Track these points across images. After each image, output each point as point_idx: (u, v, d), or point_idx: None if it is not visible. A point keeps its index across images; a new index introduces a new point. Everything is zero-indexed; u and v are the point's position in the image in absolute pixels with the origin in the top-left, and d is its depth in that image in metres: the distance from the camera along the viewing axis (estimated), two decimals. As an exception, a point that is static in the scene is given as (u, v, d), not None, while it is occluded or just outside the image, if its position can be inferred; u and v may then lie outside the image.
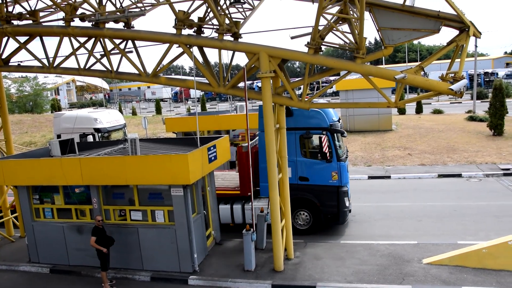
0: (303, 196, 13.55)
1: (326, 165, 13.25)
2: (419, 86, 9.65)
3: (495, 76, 67.60)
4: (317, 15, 9.09)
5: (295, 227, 13.63)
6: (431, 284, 9.93)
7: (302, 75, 10.49)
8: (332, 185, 13.34)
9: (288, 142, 12.77)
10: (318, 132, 13.24)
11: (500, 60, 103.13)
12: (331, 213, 13.52)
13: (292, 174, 13.32)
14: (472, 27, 9.01)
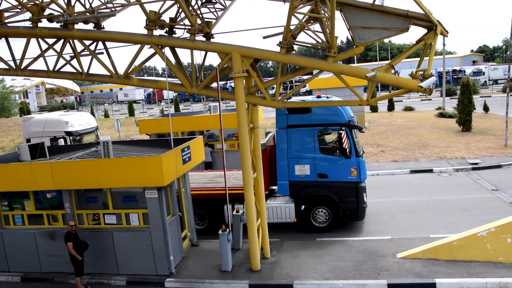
0: (322, 193, 13.46)
1: (345, 161, 13.22)
2: (390, 84, 9.81)
3: (462, 74, 69.30)
4: (289, 14, 9.15)
5: (313, 225, 13.69)
6: (405, 277, 10.13)
7: (275, 75, 10.53)
8: (351, 181, 13.31)
9: (306, 139, 13.25)
10: (337, 128, 13.17)
11: (467, 58, 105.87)
12: (350, 209, 13.48)
13: (310, 171, 13.36)
14: (439, 26, 9.22)
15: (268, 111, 45.85)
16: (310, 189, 13.42)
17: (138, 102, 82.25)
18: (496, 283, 9.68)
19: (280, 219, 13.67)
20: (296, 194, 13.60)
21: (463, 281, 9.83)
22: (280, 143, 13.58)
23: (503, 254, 10.50)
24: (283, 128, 13.51)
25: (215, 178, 15.41)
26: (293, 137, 13.44)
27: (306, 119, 13.17)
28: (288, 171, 13.51)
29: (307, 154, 13.31)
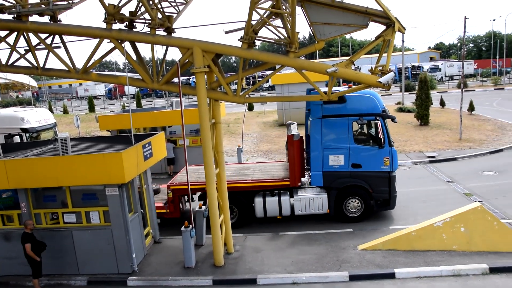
0: (355, 183, 13.51)
1: (379, 151, 13.35)
2: (350, 79, 9.99)
3: (421, 70, 71.43)
4: (250, 10, 9.15)
5: (346, 216, 13.73)
6: (366, 268, 10.39)
7: (238, 70, 10.51)
8: (384, 171, 13.44)
9: (340, 129, 13.24)
10: (371, 118, 13.29)
11: (425, 55, 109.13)
12: (382, 198, 13.65)
13: (344, 161, 13.37)
14: (397, 23, 9.47)
15: (231, 106, 45.90)
16: (343, 179, 13.49)
17: (99, 97, 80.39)
18: (450, 270, 10.10)
19: (312, 211, 13.60)
20: (329, 184, 13.59)
21: (420, 270, 10.18)
22: (315, 133, 13.49)
23: (457, 242, 10.95)
24: (317, 118, 13.39)
25: (240, 170, 15.26)
26: (328, 127, 13.36)
27: (341, 109, 13.17)
28: (322, 161, 13.48)
29: (342, 144, 13.33)
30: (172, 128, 21.82)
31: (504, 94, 50.71)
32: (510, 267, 10.14)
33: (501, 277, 9.89)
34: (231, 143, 27.59)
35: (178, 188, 13.84)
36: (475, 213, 10.92)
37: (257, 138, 29.16)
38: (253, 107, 46.09)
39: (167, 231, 13.65)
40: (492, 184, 16.82)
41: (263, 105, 45.59)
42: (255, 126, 34.55)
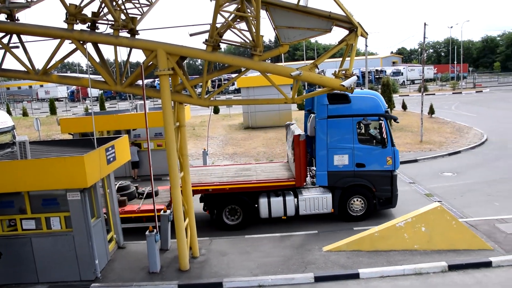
0: (359, 182, 13.76)
1: (382, 151, 13.68)
2: (314, 83, 10.10)
3: (383, 74, 73.12)
4: (214, 12, 9.13)
5: (350, 215, 13.94)
6: (331, 269, 10.51)
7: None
8: (386, 170, 13.77)
9: (345, 129, 13.50)
10: (374, 118, 13.60)
11: (388, 59, 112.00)
12: (385, 197, 13.98)
13: (349, 161, 13.61)
14: (359, 28, 9.66)
15: (196, 109, 45.58)
16: (347, 178, 13.73)
17: (61, 100, 78.24)
18: (412, 269, 10.37)
19: (317, 211, 13.77)
20: (333, 184, 13.78)
21: (383, 269, 10.40)
22: (320, 133, 13.63)
23: (418, 242, 11.25)
24: (323, 119, 13.56)
25: (241, 171, 15.24)
26: (333, 127, 13.55)
27: (346, 109, 13.43)
28: (327, 161, 13.66)
29: (346, 144, 13.56)
30: (136, 131, 21.49)
31: (461, 98, 52.61)
32: (467, 264, 10.52)
33: (458, 274, 10.25)
34: (196, 146, 27.42)
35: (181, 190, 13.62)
36: (435, 213, 11.26)
37: (223, 141, 29.11)
38: (218, 110, 45.98)
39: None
40: (451, 185, 17.41)
41: (229, 108, 45.53)
42: (220, 129, 34.48)
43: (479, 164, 20.81)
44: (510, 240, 11.68)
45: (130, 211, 13.43)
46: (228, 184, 13.76)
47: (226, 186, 13.65)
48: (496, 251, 11.07)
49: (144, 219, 13.48)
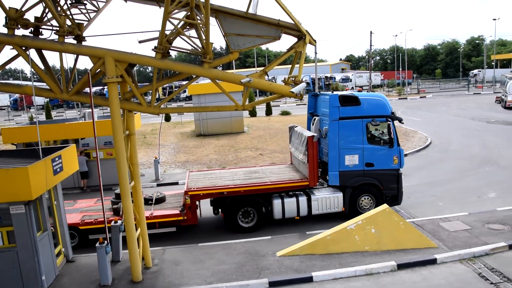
0: (368, 181, 14.33)
1: (389, 150, 14.38)
2: (264, 89, 10.20)
3: (333, 80, 74.99)
4: (163, 19, 9.05)
5: (359, 213, 14.03)
6: (285, 274, 10.60)
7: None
8: (393, 169, 14.49)
9: (355, 130, 14.14)
10: (382, 119, 14.31)
11: (337, 66, 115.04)
12: (391, 195, 14.61)
13: (359, 161, 14.19)
14: (308, 36, 9.86)
15: (147, 117, 44.85)
16: (357, 178, 14.29)
17: (3, 108, 74.59)
18: (363, 270, 10.65)
19: (328, 210, 14.15)
20: (344, 183, 14.26)
21: (336, 271, 10.61)
22: (332, 134, 14.16)
23: (369, 243, 11.58)
24: (335, 120, 14.10)
25: (250, 174, 15.41)
26: (344, 129, 14.11)
27: (356, 111, 14.07)
28: (339, 161, 14.17)
29: (357, 144, 14.17)
30: (85, 141, 20.87)
31: (407, 103, 54.81)
32: (414, 262, 10.95)
33: (407, 272, 10.64)
34: (148, 154, 26.96)
35: (197, 194, 13.66)
36: (384, 214, 11.64)
37: (175, 149, 28.78)
38: (170, 117, 45.46)
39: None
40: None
41: (180, 115, 45.11)
42: (172, 137, 34.07)
43: (423, 166, 21.73)
44: (452, 238, 12.27)
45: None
46: (243, 186, 13.91)
47: (241, 189, 13.82)
48: (441, 249, 11.60)
49: (157, 225, 13.41)
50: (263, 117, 44.61)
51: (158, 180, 20.94)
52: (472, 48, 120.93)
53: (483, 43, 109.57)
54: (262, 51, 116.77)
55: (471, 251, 11.39)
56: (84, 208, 14.60)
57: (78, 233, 13.33)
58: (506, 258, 11.20)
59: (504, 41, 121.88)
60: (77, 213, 14.12)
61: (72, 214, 13.82)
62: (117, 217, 12.97)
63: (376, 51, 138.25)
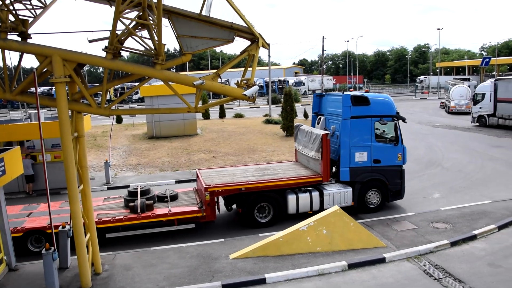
0: (376, 177, 15.13)
1: (394, 148, 15.28)
2: (217, 92, 10.18)
3: (286, 84, 75.82)
4: (114, 19, 8.86)
5: (368, 207, 15.25)
6: (238, 277, 10.60)
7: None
8: (397, 165, 15.41)
9: (365, 128, 14.92)
10: (389, 119, 15.15)
11: (290, 70, 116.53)
12: (395, 190, 15.47)
13: (368, 157, 14.98)
14: (261, 39, 9.92)
15: (98, 119, 43.69)
16: (366, 173, 15.06)
17: None
18: (315, 270, 10.83)
19: (339, 204, 14.28)
20: (354, 179, 14.98)
21: (288, 273, 10.72)
22: (344, 132, 14.88)
23: (320, 244, 11.79)
24: (347, 119, 14.84)
25: (261, 171, 15.77)
26: (355, 127, 14.86)
27: (366, 110, 14.87)
28: (350, 158, 14.88)
29: (366, 142, 14.95)
30: (30, 143, 20.01)
31: (357, 107, 56.08)
32: (364, 261, 11.26)
33: (357, 271, 10.93)
34: (98, 157, 26.22)
35: (216, 190, 13.82)
36: (335, 216, 11.90)
37: (126, 152, 28.15)
38: (121, 119, 44.45)
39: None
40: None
41: (132, 117, 44.21)
42: (123, 139, 33.32)
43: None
44: (400, 237, 12.73)
45: (162, 214, 13.39)
46: (261, 182, 14.24)
47: (259, 184, 14.14)
48: (389, 248, 12.00)
49: (176, 222, 13.52)
50: (216, 119, 44.49)
51: (109, 184, 20.40)
52: (419, 55, 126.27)
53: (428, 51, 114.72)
54: (216, 53, 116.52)
55: (417, 250, 11.86)
56: (96, 207, 14.09)
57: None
58: (448, 254, 11.76)
59: (447, 49, 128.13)
60: None
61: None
62: (136, 214, 13.18)
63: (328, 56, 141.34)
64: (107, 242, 12.97)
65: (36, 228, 12.71)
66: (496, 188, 17.84)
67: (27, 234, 12.62)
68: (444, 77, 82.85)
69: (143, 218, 13.20)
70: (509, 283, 10.20)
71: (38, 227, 12.74)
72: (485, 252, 11.86)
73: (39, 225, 12.83)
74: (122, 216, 13.21)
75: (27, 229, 12.59)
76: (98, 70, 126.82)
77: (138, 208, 13.31)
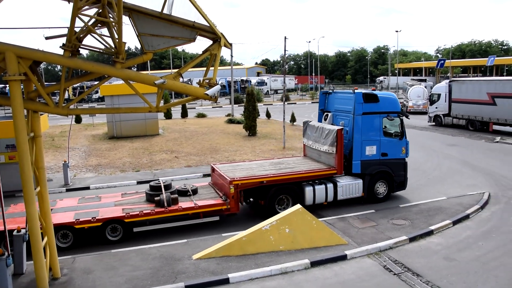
0: (383, 169, 16.23)
1: (399, 142, 16.47)
2: (178, 91, 10.09)
3: (249, 84, 76.01)
4: (72, 15, 8.60)
5: (376, 198, 16.41)
6: (202, 277, 10.54)
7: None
8: (402, 158, 16.64)
9: (375, 124, 15.98)
10: (394, 115, 16.21)
11: (253, 69, 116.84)
12: (399, 181, 16.65)
13: (376, 151, 16.06)
14: (223, 39, 9.90)
15: (56, 119, 42.40)
16: (375, 166, 16.13)
17: None
18: (278, 269, 10.91)
19: (351, 195, 15.83)
20: (364, 171, 16.01)
21: (252, 272, 10.76)
22: (356, 128, 15.83)
23: (283, 243, 11.89)
24: (359, 115, 15.79)
25: (276, 165, 16.63)
26: (366, 123, 15.87)
27: (376, 107, 15.94)
28: (361, 152, 15.87)
29: (375, 137, 16.01)
30: (-18, 144, 19.18)
31: (319, 107, 56.92)
32: (327, 259, 11.45)
33: (319, 269, 11.09)
34: (56, 158, 25.43)
35: (242, 183, 14.38)
36: (297, 214, 12.03)
37: (86, 152, 27.43)
38: (81, 119, 43.32)
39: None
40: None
41: (92, 117, 43.15)
42: (83, 139, 32.46)
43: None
44: (361, 234, 13.02)
45: (189, 207, 13.85)
46: (282, 175, 15.05)
47: (280, 177, 14.94)
48: (350, 245, 12.24)
49: (201, 215, 14.02)
50: (178, 119, 44.04)
51: (68, 185, 19.82)
52: (378, 56, 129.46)
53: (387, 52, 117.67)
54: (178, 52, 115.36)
55: (377, 246, 12.16)
56: (117, 202, 14.58)
57: (123, 226, 13.33)
58: (407, 250, 12.13)
59: (405, 51, 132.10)
60: (112, 207, 14.03)
61: (111, 208, 13.90)
62: (163, 208, 13.52)
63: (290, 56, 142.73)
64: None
65: (114, 218, 13.11)
66: (451, 185, 18.58)
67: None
68: (403, 78, 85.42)
69: (171, 211, 13.59)
70: (462, 275, 10.65)
71: (116, 217, 13.13)
72: (441, 246, 12.32)
73: (116, 215, 13.23)
74: (149, 210, 13.53)
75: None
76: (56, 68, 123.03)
77: (165, 202, 13.63)
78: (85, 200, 14.92)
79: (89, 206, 14.18)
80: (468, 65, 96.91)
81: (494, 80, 34.52)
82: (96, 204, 14.35)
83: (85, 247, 12.83)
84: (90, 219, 12.88)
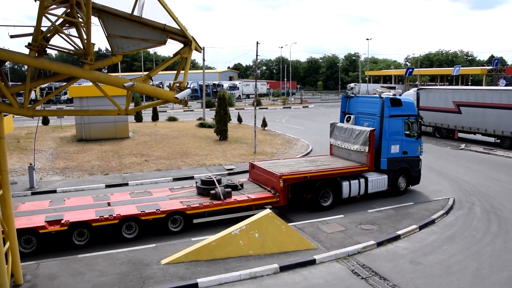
0: (404, 165, 18.24)
1: (416, 141, 18.56)
2: (148, 94, 9.95)
3: (221, 88, 75.90)
4: (39, 14, 8.39)
5: (398, 191, 18.32)
6: (170, 282, 10.43)
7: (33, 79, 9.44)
8: (417, 156, 18.73)
9: (398, 125, 17.97)
10: (413, 118, 18.39)
11: (225, 74, 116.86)
12: (415, 176, 18.78)
13: (399, 149, 18.01)
14: (194, 42, 9.84)
15: (22, 120, 41.25)
16: (397, 163, 18.03)
17: None
18: (248, 274, 10.91)
19: (378, 189, 17.58)
20: (389, 168, 17.87)
21: (221, 277, 10.71)
22: (384, 129, 17.66)
23: (253, 247, 11.89)
24: (387, 118, 17.69)
25: (312, 162, 18.23)
26: (392, 124, 17.80)
27: (400, 110, 17.97)
28: (388, 150, 17.75)
29: (399, 137, 17.97)
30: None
31: (291, 112, 57.60)
32: (296, 263, 11.51)
33: (288, 274, 11.14)
34: (21, 160, 24.70)
35: (289, 178, 15.59)
36: (267, 219, 12.06)
37: (53, 155, 26.75)
38: (48, 121, 42.26)
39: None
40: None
41: (60, 119, 42.16)
42: (50, 141, 31.65)
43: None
44: (330, 239, 13.15)
45: (244, 200, 14.92)
46: (324, 171, 16.62)
47: (321, 173, 16.44)
48: (319, 250, 12.35)
49: (253, 207, 15.05)
50: (149, 122, 43.52)
51: (33, 188, 19.28)
52: (349, 63, 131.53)
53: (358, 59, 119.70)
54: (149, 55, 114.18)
55: (345, 251, 12.31)
56: (171, 196, 15.41)
57: (184, 217, 14.16)
58: (375, 254, 12.33)
59: (376, 59, 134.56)
60: (167, 200, 14.81)
61: (169, 201, 14.68)
62: (221, 201, 14.54)
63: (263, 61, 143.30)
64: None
65: (177, 210, 13.89)
66: (418, 190, 19.02)
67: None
68: (373, 85, 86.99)
69: (227, 204, 14.64)
70: (427, 278, 10.92)
71: (178, 209, 13.92)
72: (407, 251, 12.58)
73: (177, 207, 14.01)
74: (208, 202, 14.47)
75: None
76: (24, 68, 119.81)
77: (221, 195, 14.65)
78: (136, 195, 15.66)
79: (144, 199, 14.91)
80: (435, 74, 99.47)
81: (460, 89, 35.61)
82: (149, 198, 15.12)
83: (49, 252, 12.49)
84: (155, 211, 13.64)
